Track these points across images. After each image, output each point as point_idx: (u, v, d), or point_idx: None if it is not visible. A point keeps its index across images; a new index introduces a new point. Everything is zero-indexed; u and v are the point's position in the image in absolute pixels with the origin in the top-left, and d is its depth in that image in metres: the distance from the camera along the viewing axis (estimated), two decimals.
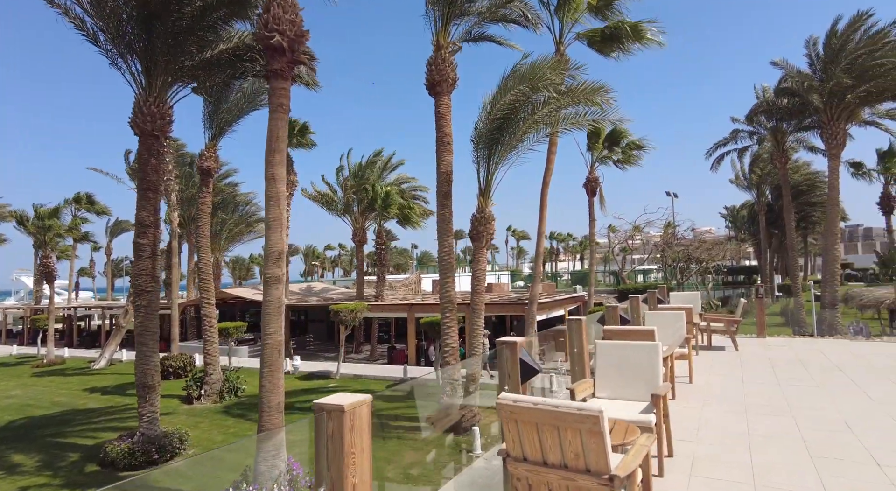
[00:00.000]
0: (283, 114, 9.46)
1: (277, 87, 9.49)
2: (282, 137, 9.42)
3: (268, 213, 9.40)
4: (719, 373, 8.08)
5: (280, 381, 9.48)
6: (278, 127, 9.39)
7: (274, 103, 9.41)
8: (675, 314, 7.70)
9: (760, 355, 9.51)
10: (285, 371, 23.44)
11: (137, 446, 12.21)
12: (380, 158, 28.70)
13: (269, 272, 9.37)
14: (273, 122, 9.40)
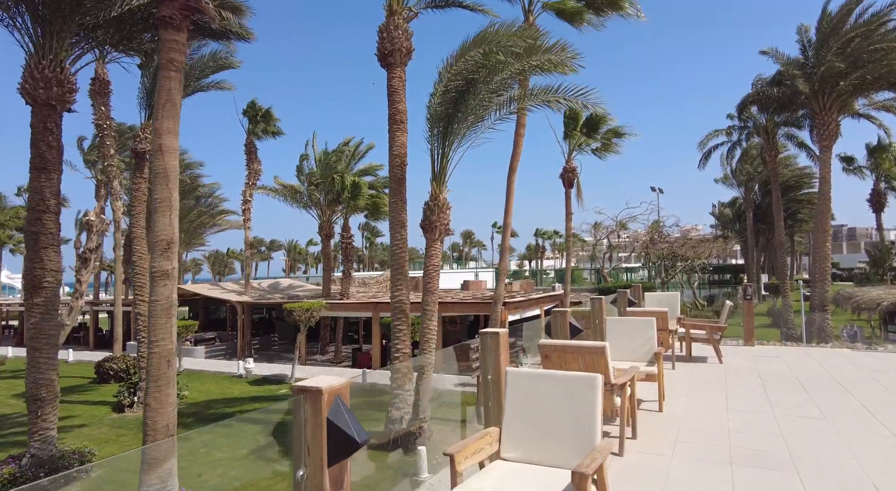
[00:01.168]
0: (175, 72, 7.73)
1: (168, 38, 7.75)
2: (173, 101, 7.69)
3: (154, 192, 7.67)
4: (698, 396, 6.52)
5: (170, 397, 7.77)
6: (169, 88, 7.66)
7: (164, 58, 7.68)
8: (644, 322, 6.12)
9: (748, 369, 7.99)
10: (237, 375, 21.74)
11: (25, 471, 10.41)
12: (348, 147, 26.92)
13: (155, 266, 7.65)
14: (163, 81, 7.68)
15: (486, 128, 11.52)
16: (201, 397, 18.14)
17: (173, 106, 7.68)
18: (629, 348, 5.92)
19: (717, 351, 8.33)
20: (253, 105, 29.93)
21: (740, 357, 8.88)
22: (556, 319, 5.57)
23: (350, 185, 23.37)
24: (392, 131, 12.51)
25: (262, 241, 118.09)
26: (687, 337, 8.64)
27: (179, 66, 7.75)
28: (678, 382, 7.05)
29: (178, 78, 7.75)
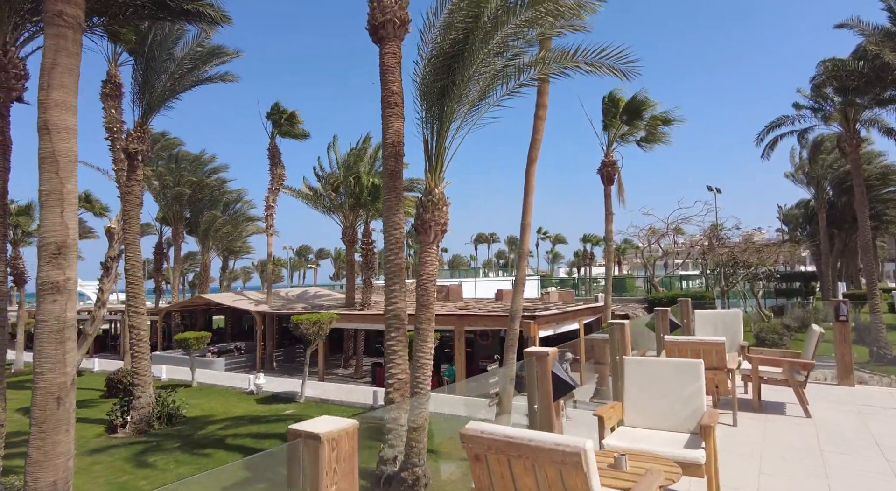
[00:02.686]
0: (67, 28, 6.08)
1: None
2: (64, 65, 6.04)
3: (40, 182, 6.04)
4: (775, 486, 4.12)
5: (60, 446, 6.05)
6: (57, 47, 6.02)
7: (51, 11, 6.04)
8: (685, 369, 3.84)
9: (855, 430, 5.41)
10: (247, 391, 20.37)
11: None
12: (368, 145, 25.35)
13: (42, 275, 6.00)
14: (50, 40, 6.05)
15: (492, 104, 9.38)
16: (201, 415, 16.80)
17: (65, 73, 6.04)
18: (657, 412, 3.69)
19: (801, 399, 5.80)
20: (277, 108, 28.93)
21: (836, 406, 6.27)
22: (532, 365, 3.43)
23: (370, 186, 21.71)
24: (385, 116, 10.60)
25: (309, 249, 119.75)
26: (755, 376, 6.14)
27: (73, 22, 6.10)
28: (742, 457, 4.65)
29: (72, 38, 6.11)
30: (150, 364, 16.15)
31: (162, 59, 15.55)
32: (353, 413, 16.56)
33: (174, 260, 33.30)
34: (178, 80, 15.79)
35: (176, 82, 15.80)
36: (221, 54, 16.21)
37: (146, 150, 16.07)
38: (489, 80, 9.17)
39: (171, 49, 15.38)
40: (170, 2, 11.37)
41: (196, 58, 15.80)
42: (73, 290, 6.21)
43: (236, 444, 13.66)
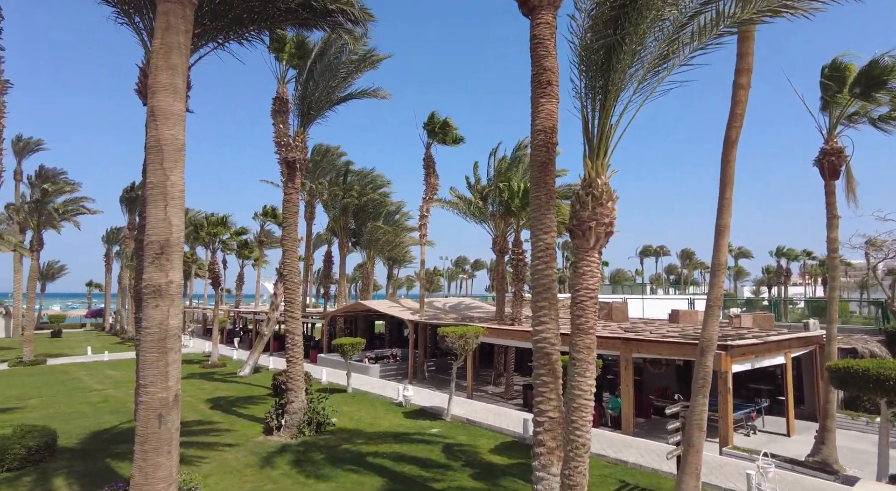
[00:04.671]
0: (176, 4, 5.49)
1: None
2: (171, 44, 5.47)
3: (147, 174, 5.50)
4: None
5: (161, 470, 5.37)
6: (167, 24, 5.46)
7: None
8: None
9: None
10: (396, 402, 19.93)
11: None
12: (524, 152, 23.76)
13: (147, 278, 5.42)
14: (160, 18, 5.50)
15: (676, 64, 7.04)
16: (349, 425, 16.58)
17: (171, 52, 5.46)
18: None
19: None
20: (432, 118, 28.99)
21: None
22: None
23: (520, 191, 20.04)
24: (535, 98, 8.86)
25: (465, 260, 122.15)
26: None
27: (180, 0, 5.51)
28: None
29: (183, 14, 5.52)
30: (303, 369, 16.39)
31: (319, 71, 15.88)
32: (501, 441, 14.86)
33: (339, 267, 35.34)
34: (333, 89, 15.97)
35: (332, 91, 16.00)
36: (372, 59, 16.06)
37: (304, 159, 16.50)
38: (674, 30, 6.86)
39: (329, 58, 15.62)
40: (314, 2, 11.13)
41: (350, 64, 15.84)
42: (176, 294, 5.57)
43: (375, 463, 12.86)
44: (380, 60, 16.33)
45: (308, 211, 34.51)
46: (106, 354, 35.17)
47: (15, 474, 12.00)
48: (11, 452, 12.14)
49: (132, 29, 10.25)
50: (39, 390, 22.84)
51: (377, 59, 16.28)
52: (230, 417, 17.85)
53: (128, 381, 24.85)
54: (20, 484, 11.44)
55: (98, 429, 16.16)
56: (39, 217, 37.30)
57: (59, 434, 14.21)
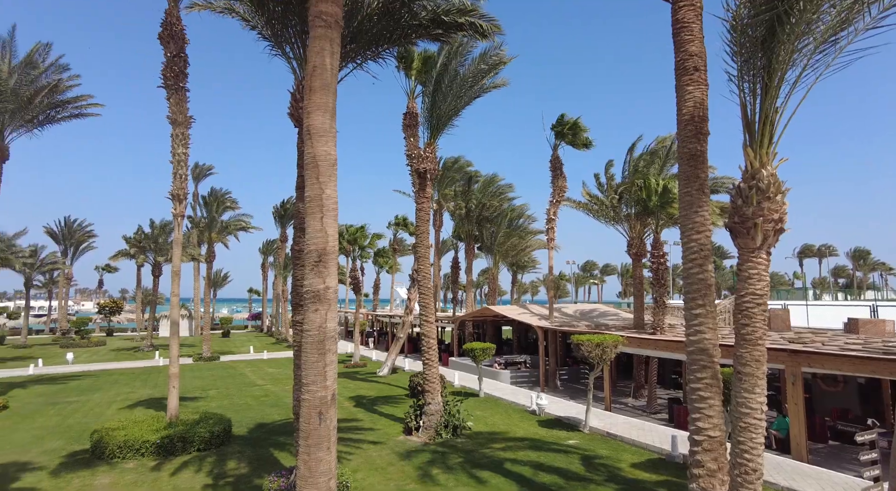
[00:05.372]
0: (327, 29, 5.91)
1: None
2: (325, 67, 5.87)
3: (305, 188, 5.95)
4: None
5: (323, 464, 5.75)
6: (320, 49, 5.89)
7: (314, 13, 5.95)
8: None
9: None
10: (529, 409, 19.57)
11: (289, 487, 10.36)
12: (664, 145, 22.13)
13: (307, 284, 5.86)
14: (313, 42, 5.96)
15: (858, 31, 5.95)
16: (484, 430, 16.62)
17: (323, 74, 5.86)
18: None
19: None
20: (561, 119, 28.31)
21: None
22: None
23: (659, 189, 18.64)
24: (681, 86, 8.15)
25: (594, 264, 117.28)
26: None
27: (331, 21, 5.91)
28: None
29: (331, 37, 5.92)
30: (438, 372, 16.80)
31: (447, 82, 16.28)
32: (647, 457, 13.82)
33: (465, 272, 35.92)
34: (461, 97, 16.26)
35: (459, 99, 16.31)
36: (496, 62, 16.08)
37: (434, 169, 16.99)
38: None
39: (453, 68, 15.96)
40: (444, 17, 11.39)
41: (475, 72, 16.03)
42: (332, 299, 5.95)
43: (514, 471, 12.69)
44: (505, 64, 16.30)
45: (436, 219, 35.63)
46: (265, 352, 39.53)
47: (201, 454, 13.84)
48: (199, 435, 14.03)
49: (284, 59, 11.39)
50: (215, 383, 26.29)
51: (502, 62, 16.27)
52: (372, 416, 18.89)
53: (284, 378, 27.61)
54: (205, 463, 13.16)
55: (262, 420, 18.07)
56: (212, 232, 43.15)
57: (232, 423, 16.13)
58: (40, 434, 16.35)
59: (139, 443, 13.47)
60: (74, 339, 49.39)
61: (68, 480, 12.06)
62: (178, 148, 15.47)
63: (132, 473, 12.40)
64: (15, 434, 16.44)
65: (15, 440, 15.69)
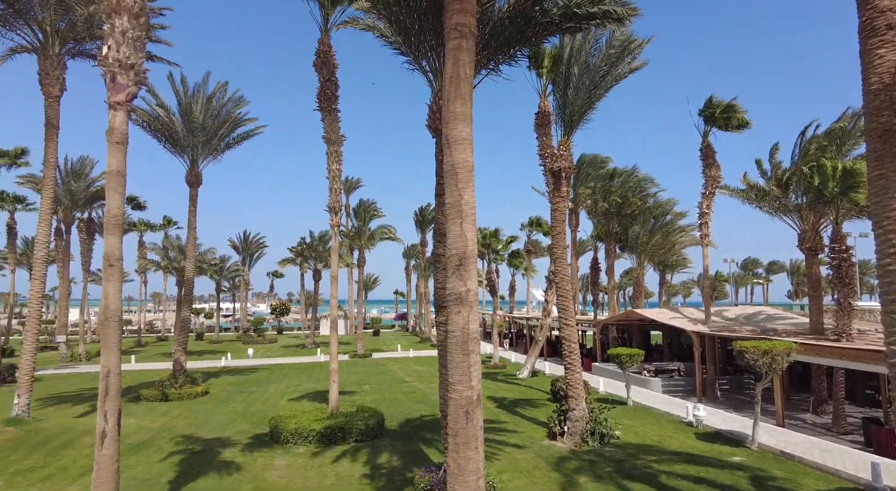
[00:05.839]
0: (461, 39, 6.07)
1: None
2: (461, 76, 6.04)
3: (445, 195, 6.16)
4: None
5: (471, 463, 5.89)
6: (457, 59, 6.08)
7: (449, 24, 6.15)
8: None
9: None
10: (685, 421, 18.00)
11: (437, 483, 10.81)
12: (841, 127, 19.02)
13: (449, 287, 6.08)
14: (449, 52, 6.17)
15: None
16: (634, 440, 15.69)
17: (460, 83, 6.03)
18: None
19: None
20: (710, 102, 25.81)
21: None
22: None
23: (838, 173, 16.00)
24: (868, 50, 6.97)
25: (757, 262, 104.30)
26: None
27: (466, 31, 6.05)
28: None
29: (466, 47, 6.07)
30: (581, 377, 16.27)
31: (577, 75, 15.75)
32: (837, 486, 11.89)
33: (605, 273, 34.29)
34: (593, 90, 15.62)
35: (591, 93, 15.69)
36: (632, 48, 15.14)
37: (569, 167, 16.54)
38: None
39: (583, 60, 15.39)
40: (576, 10, 11.05)
41: (608, 60, 15.28)
42: (474, 301, 6.07)
43: (671, 485, 11.77)
44: (641, 47, 15.28)
45: (572, 218, 34.60)
46: (411, 351, 41.80)
47: (357, 445, 15.04)
48: (356, 427, 15.28)
49: (421, 73, 11.98)
50: (369, 378, 28.43)
51: (637, 45, 15.28)
52: (514, 418, 18.91)
53: (429, 375, 28.92)
54: (361, 453, 14.28)
55: (410, 416, 19.10)
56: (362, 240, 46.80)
57: (384, 417, 17.27)
58: (232, 417, 19.12)
59: (307, 431, 15.07)
60: (253, 336, 57.01)
61: (255, 457, 13.93)
62: (332, 164, 17.06)
63: (302, 458, 13.90)
64: (214, 416, 19.44)
65: (214, 421, 18.56)
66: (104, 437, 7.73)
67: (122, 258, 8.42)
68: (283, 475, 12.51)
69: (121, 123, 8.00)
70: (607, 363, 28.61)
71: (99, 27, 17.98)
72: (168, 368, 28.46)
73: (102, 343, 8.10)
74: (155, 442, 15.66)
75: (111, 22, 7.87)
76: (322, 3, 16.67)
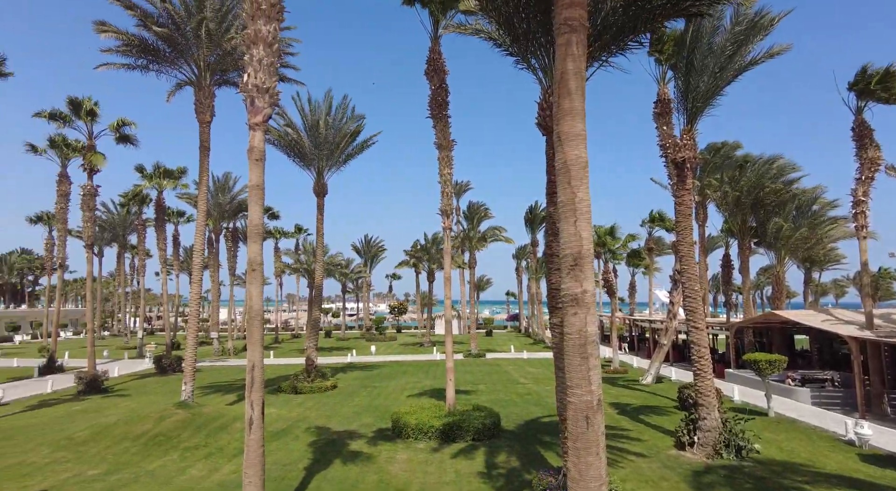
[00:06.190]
0: (572, 33, 5.90)
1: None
2: (572, 71, 5.89)
3: (558, 193, 6.04)
4: None
5: (593, 469, 5.70)
6: (567, 54, 5.94)
7: (560, 18, 6.01)
8: None
9: None
10: (843, 439, 15.77)
11: (557, 487, 10.61)
12: None
13: (564, 288, 5.95)
14: (560, 48, 6.03)
15: None
16: (777, 456, 14.08)
17: (573, 77, 5.87)
18: None
19: None
20: (863, 73, 22.45)
21: None
22: None
23: None
24: None
25: None
26: None
27: (576, 24, 5.87)
28: None
29: (577, 41, 5.89)
30: (712, 384, 14.96)
31: (700, 57, 14.56)
32: None
33: (739, 271, 31.17)
34: (719, 73, 14.32)
35: (716, 77, 14.40)
36: (763, 25, 13.61)
37: (694, 157, 15.34)
38: None
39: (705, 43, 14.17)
40: None
41: (735, 39, 13.90)
42: (591, 303, 5.86)
43: None
44: (773, 23, 13.67)
45: (699, 212, 31.98)
46: (524, 352, 41.44)
47: (474, 443, 15.24)
48: (473, 426, 15.50)
49: (530, 71, 11.85)
50: (483, 378, 28.69)
51: (770, 21, 13.70)
52: (637, 425, 17.93)
53: (544, 378, 28.45)
54: (478, 452, 14.45)
55: (526, 417, 18.93)
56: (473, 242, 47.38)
57: (500, 417, 17.30)
58: (357, 411, 20.40)
59: (427, 427, 15.59)
60: (375, 334, 60.30)
61: (379, 450, 14.73)
62: (444, 169, 17.52)
63: (422, 453, 14.41)
64: (342, 408, 20.88)
65: (342, 413, 19.94)
66: (251, 423, 8.65)
67: (263, 263, 9.39)
68: (405, 469, 13.06)
69: (259, 142, 8.92)
70: (742, 370, 26.00)
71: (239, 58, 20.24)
72: (301, 363, 31.11)
73: (248, 339, 9.08)
74: (292, 431, 17.20)
75: (250, 52, 8.82)
76: (432, 11, 17.17)
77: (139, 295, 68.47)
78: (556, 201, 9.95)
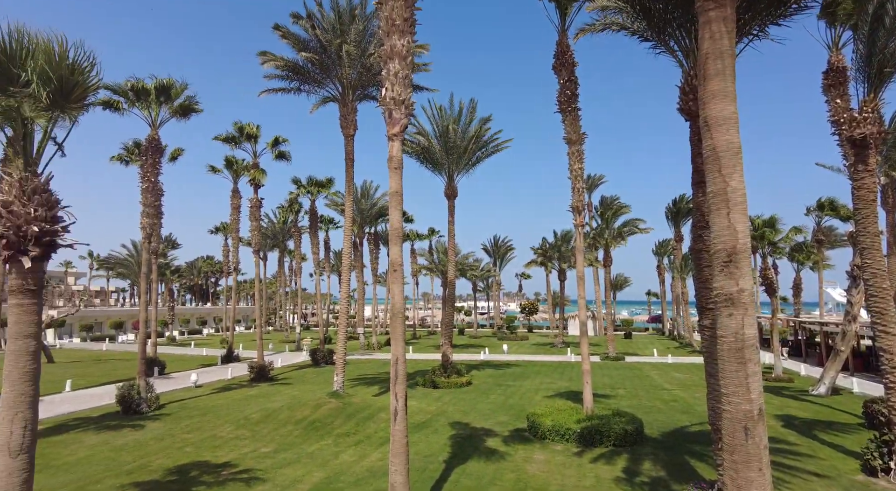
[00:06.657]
0: (719, 9, 5.38)
1: None
2: (719, 51, 5.39)
3: (707, 184, 5.55)
4: None
5: (759, 488, 5.15)
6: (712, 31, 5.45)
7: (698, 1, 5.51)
8: None
9: None
10: None
11: None
12: None
13: (717, 287, 5.46)
14: (703, 26, 5.55)
15: None
16: None
17: (717, 58, 5.35)
18: None
19: None
20: None
21: None
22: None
23: None
24: None
25: None
26: None
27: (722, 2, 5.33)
28: None
29: (723, 16, 5.36)
30: None
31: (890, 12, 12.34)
32: None
33: None
34: None
35: None
36: None
37: (878, 132, 13.06)
38: None
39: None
40: None
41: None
42: (748, 303, 5.28)
43: None
44: None
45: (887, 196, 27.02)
46: (669, 356, 38.55)
47: (615, 449, 14.57)
48: (614, 430, 14.84)
49: (669, 55, 11.01)
50: (623, 382, 27.28)
51: None
52: (809, 442, 15.73)
53: (692, 384, 26.22)
54: (619, 458, 13.78)
55: (673, 425, 17.61)
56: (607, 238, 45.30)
57: (643, 424, 16.32)
58: (493, 408, 20.66)
59: (564, 429, 15.27)
60: (506, 333, 60.53)
61: (515, 449, 14.78)
62: (574, 164, 17.04)
63: (560, 455, 14.14)
64: (478, 405, 21.32)
65: (478, 409, 20.36)
66: (396, 414, 9.23)
67: (403, 264, 9.97)
68: (542, 470, 12.94)
69: (397, 152, 9.49)
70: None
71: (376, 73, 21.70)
72: (435, 358, 32.35)
73: (391, 334, 9.70)
74: (431, 424, 17.98)
75: (387, 67, 9.43)
76: (559, 3, 16.82)
77: (297, 294, 76.48)
78: (704, 191, 9.15)
